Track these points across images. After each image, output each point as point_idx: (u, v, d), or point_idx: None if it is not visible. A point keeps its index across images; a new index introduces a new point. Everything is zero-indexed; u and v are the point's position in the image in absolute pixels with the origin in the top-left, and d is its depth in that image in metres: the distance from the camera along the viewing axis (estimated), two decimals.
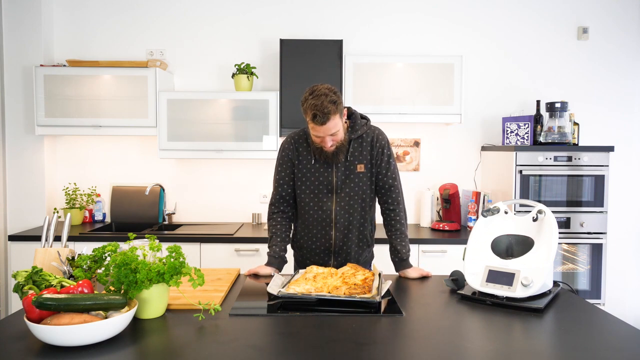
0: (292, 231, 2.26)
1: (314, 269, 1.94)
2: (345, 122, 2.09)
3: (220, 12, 3.69)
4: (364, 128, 2.11)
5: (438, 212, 3.69)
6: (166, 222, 3.67)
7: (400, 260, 2.11)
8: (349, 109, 2.14)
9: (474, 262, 1.81)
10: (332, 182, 2.10)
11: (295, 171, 2.15)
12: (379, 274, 1.86)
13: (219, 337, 1.40)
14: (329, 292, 1.71)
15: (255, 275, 2.07)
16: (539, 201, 3.18)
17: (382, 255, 2.42)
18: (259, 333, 1.43)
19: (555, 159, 3.23)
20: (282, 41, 3.35)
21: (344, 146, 2.05)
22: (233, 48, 3.70)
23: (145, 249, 1.58)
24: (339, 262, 2.17)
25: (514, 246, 1.83)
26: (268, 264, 2.13)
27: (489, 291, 1.71)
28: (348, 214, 2.12)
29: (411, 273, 2.07)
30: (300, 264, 2.28)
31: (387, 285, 1.82)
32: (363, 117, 2.18)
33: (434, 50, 3.70)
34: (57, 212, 3.21)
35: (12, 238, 3.17)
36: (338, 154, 2.05)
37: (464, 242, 3.09)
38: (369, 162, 2.10)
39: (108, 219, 3.71)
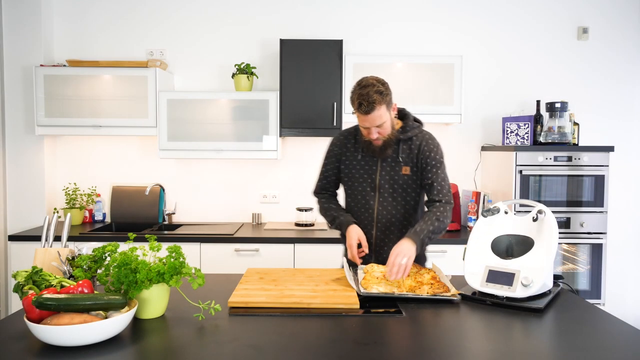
0: None
1: (374, 267, 1.91)
2: (395, 117, 2.07)
3: (220, 12, 3.69)
4: (415, 131, 2.08)
5: None
6: (166, 222, 3.66)
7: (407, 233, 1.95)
8: (402, 109, 2.14)
9: (474, 262, 1.81)
10: (376, 181, 2.08)
11: (342, 167, 2.15)
12: (440, 271, 1.93)
13: (219, 337, 1.40)
14: (411, 292, 1.76)
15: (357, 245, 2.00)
16: (539, 201, 3.18)
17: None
18: (259, 333, 1.43)
19: (555, 159, 3.23)
20: (282, 41, 3.35)
21: (392, 141, 2.02)
22: (233, 48, 3.70)
23: (145, 250, 1.58)
24: (379, 261, 2.11)
25: (514, 246, 1.83)
26: (351, 224, 2.05)
27: (489, 291, 1.71)
28: (390, 215, 2.09)
29: (395, 249, 1.85)
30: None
31: (448, 279, 1.86)
32: (417, 120, 2.15)
33: (434, 50, 3.70)
34: (57, 212, 3.21)
35: (12, 238, 3.16)
36: (386, 149, 2.02)
37: (464, 242, 3.09)
38: (415, 165, 2.06)
39: (108, 219, 3.71)
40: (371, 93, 1.90)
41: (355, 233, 2.02)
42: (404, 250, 1.83)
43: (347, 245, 2.03)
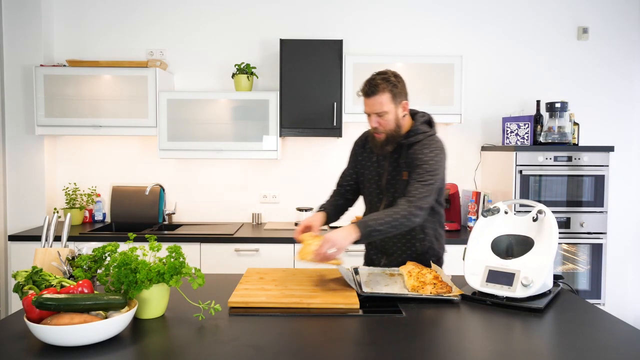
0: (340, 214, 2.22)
1: (311, 240, 1.88)
2: (404, 117, 2.03)
3: (220, 12, 3.69)
4: (419, 136, 2.02)
5: None
6: (166, 222, 3.66)
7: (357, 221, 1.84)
8: (419, 113, 2.11)
9: (474, 262, 1.81)
10: (382, 184, 2.09)
11: (358, 167, 2.19)
12: (441, 271, 1.93)
13: (219, 337, 1.40)
14: (414, 292, 1.76)
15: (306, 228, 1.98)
16: (539, 201, 3.17)
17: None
18: (259, 333, 1.43)
19: (555, 159, 3.23)
20: (282, 41, 3.35)
21: (394, 139, 2.01)
22: (233, 48, 3.70)
23: (145, 250, 1.58)
24: (389, 261, 2.13)
25: (514, 246, 1.83)
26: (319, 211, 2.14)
27: (489, 291, 1.71)
28: None
29: (330, 235, 1.75)
30: (368, 260, 2.27)
31: (449, 279, 1.86)
32: (430, 124, 2.10)
33: (434, 50, 3.70)
34: (57, 212, 3.21)
35: (12, 238, 3.17)
36: (386, 144, 2.01)
37: (464, 242, 3.07)
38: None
39: (108, 219, 3.71)
40: (377, 78, 1.95)
41: (310, 218, 2.03)
42: (337, 241, 1.72)
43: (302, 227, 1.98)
